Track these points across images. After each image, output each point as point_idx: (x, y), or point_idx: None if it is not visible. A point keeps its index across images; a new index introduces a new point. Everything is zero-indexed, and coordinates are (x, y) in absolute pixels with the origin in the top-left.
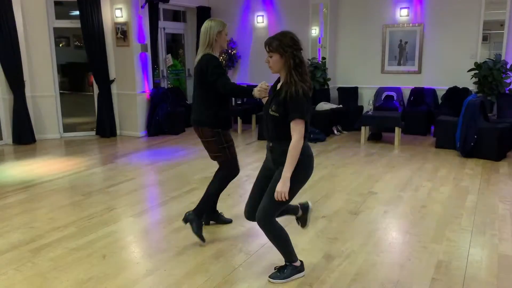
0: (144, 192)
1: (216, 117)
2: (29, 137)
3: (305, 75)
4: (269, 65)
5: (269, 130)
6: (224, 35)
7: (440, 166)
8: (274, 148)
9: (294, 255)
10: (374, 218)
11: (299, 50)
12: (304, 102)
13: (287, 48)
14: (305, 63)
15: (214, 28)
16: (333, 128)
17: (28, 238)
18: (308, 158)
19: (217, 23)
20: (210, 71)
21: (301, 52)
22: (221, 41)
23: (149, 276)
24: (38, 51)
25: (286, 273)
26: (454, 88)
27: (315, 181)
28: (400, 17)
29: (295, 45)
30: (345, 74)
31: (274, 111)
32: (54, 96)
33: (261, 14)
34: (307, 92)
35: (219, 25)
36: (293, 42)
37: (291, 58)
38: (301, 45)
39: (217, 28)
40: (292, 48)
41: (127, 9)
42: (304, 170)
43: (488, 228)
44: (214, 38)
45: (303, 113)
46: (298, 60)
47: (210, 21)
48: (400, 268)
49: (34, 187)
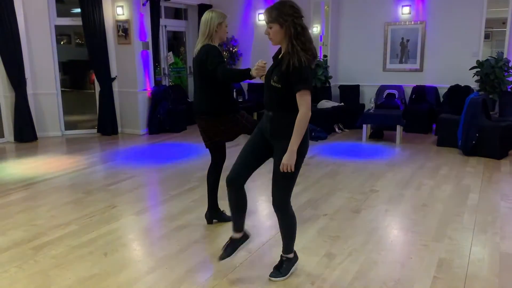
0: (145, 190)
1: (221, 106)
2: (30, 135)
3: (308, 43)
4: (269, 36)
5: (271, 101)
6: (224, 26)
7: (441, 164)
8: (274, 118)
9: (293, 245)
10: (375, 217)
11: (300, 17)
12: (308, 72)
13: (287, 17)
14: (307, 30)
15: (214, 19)
16: (335, 126)
17: (30, 235)
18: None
19: (218, 14)
20: (210, 60)
21: (302, 20)
22: (221, 33)
23: (150, 274)
24: (40, 48)
25: (284, 268)
26: (456, 86)
27: (317, 179)
28: (402, 15)
29: (296, 13)
30: (346, 72)
31: (275, 82)
32: (55, 94)
33: (262, 12)
34: (310, 61)
35: (219, 17)
36: (293, 10)
37: (292, 26)
38: (302, 13)
39: (218, 19)
40: (292, 17)
41: (129, 6)
42: (305, 143)
43: (489, 226)
44: (215, 29)
45: (309, 83)
46: (299, 28)
47: (210, 12)
48: (402, 266)
49: (36, 184)
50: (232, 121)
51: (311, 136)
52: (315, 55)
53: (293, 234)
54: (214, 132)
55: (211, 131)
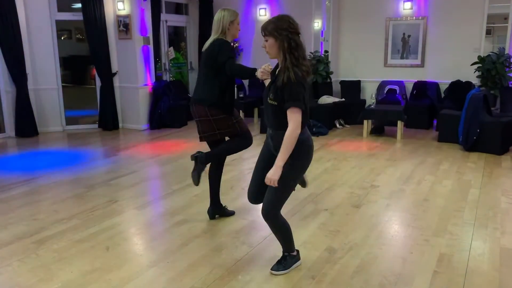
0: (146, 184)
1: (219, 98)
2: (31, 130)
3: (301, 59)
4: (266, 50)
5: (268, 118)
6: (236, 24)
7: (442, 160)
8: (274, 136)
9: (293, 245)
10: (376, 212)
11: (296, 33)
12: (299, 89)
13: (281, 31)
14: (302, 47)
15: (226, 17)
16: (336, 121)
17: (32, 230)
18: (306, 147)
19: (230, 12)
20: (221, 53)
21: (298, 36)
22: (233, 30)
23: (152, 268)
24: (41, 44)
25: (286, 263)
26: (457, 82)
27: (318, 174)
28: (404, 10)
29: (291, 28)
30: (347, 67)
31: (272, 100)
32: (56, 89)
33: (264, 7)
34: (302, 77)
35: (231, 15)
36: (289, 25)
37: (286, 41)
38: (298, 29)
39: (230, 17)
40: (287, 31)
41: (129, 1)
42: (301, 160)
43: (490, 221)
44: (227, 27)
45: (299, 100)
46: (293, 44)
47: (223, 11)
48: (402, 261)
49: (37, 179)
50: (224, 118)
51: (312, 131)
52: (308, 72)
53: (288, 237)
54: (205, 124)
55: (203, 122)
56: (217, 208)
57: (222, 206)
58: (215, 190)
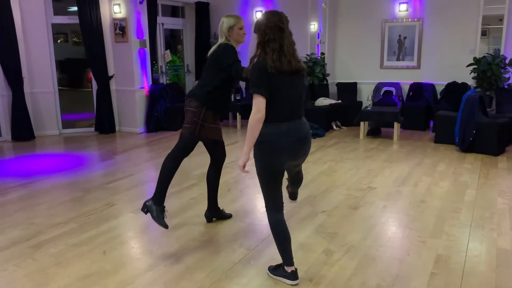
0: (143, 188)
1: (208, 94)
2: (28, 134)
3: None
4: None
5: None
6: (238, 29)
7: (439, 161)
8: None
9: (287, 259)
10: (373, 213)
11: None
12: (258, 77)
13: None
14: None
15: (224, 23)
16: (332, 123)
17: (28, 234)
18: (264, 144)
19: (228, 18)
20: (227, 56)
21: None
22: (235, 36)
23: (149, 271)
24: (37, 47)
25: (277, 271)
26: (453, 83)
27: (315, 176)
28: (399, 12)
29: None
30: (344, 69)
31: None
32: (53, 92)
33: (260, 10)
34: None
35: (229, 21)
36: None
37: (261, 36)
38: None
39: (228, 23)
40: (264, 26)
41: (126, 4)
42: (261, 155)
43: (487, 222)
44: (227, 33)
45: (257, 87)
46: (267, 38)
47: (223, 18)
48: (400, 262)
49: (34, 183)
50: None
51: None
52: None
53: (278, 245)
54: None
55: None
56: (214, 212)
57: (220, 209)
58: (213, 193)
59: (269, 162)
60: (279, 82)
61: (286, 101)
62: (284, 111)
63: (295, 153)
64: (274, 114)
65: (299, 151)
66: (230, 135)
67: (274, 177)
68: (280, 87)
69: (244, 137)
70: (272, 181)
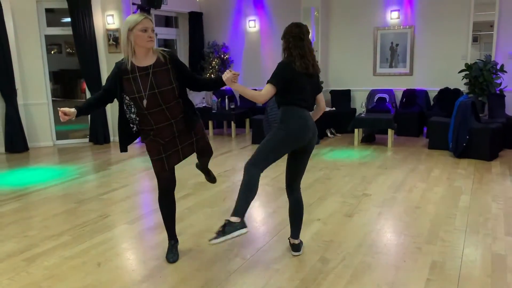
0: (138, 198)
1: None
2: (21, 145)
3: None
4: None
5: None
6: (139, 31)
7: (433, 167)
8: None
9: (241, 212)
10: (368, 220)
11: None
12: (280, 71)
13: (285, 35)
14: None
15: (123, 28)
16: (327, 131)
17: (22, 247)
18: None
19: (128, 21)
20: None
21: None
22: (137, 40)
23: (144, 282)
24: (30, 58)
25: (226, 231)
26: (445, 89)
27: (309, 183)
28: (391, 19)
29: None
30: (337, 77)
31: None
32: (46, 104)
33: (253, 19)
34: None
35: (128, 23)
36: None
37: (286, 42)
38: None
39: (126, 26)
40: (288, 35)
41: (119, 15)
42: (285, 130)
43: (481, 227)
44: (126, 40)
45: (274, 78)
46: (291, 45)
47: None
48: (395, 269)
49: (28, 195)
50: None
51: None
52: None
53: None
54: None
55: None
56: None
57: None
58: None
59: (296, 135)
60: (303, 80)
61: (306, 94)
62: (305, 101)
63: (312, 135)
64: (299, 101)
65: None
66: (225, 144)
67: (288, 148)
68: (304, 83)
69: (239, 143)
70: (282, 151)
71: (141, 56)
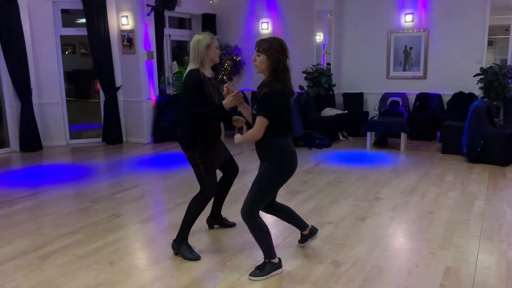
0: (150, 198)
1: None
2: (36, 144)
3: (286, 81)
4: (255, 63)
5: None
6: (214, 48)
7: (446, 172)
8: (258, 144)
9: (274, 252)
10: (381, 224)
11: (285, 57)
12: (272, 103)
13: (274, 52)
14: (289, 71)
15: (202, 42)
16: (339, 133)
17: (36, 244)
18: (284, 156)
19: (205, 36)
20: (188, 93)
21: (287, 60)
22: (211, 55)
23: (156, 282)
24: (45, 59)
25: (265, 270)
26: (460, 93)
27: (321, 186)
28: (405, 22)
29: (283, 51)
30: (350, 79)
31: (255, 110)
32: (60, 103)
33: (266, 21)
34: (280, 92)
35: (207, 39)
36: (282, 48)
37: (276, 62)
38: (288, 54)
39: (205, 41)
40: (278, 53)
41: (133, 17)
42: (280, 166)
43: (496, 233)
44: (205, 52)
45: (267, 111)
46: (282, 65)
47: (197, 36)
48: (408, 274)
49: (41, 194)
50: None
51: (316, 143)
52: (291, 93)
53: (266, 242)
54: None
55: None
56: (217, 218)
57: (222, 217)
58: (219, 201)
59: (288, 170)
60: (288, 103)
61: (290, 119)
62: (289, 127)
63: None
64: (283, 128)
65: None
66: (236, 145)
67: (281, 184)
68: (288, 108)
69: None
70: (277, 189)
71: (206, 68)
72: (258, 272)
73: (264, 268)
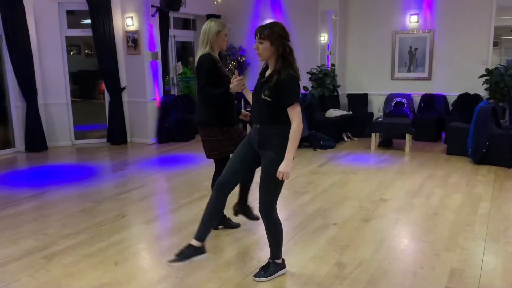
0: (154, 199)
1: (219, 116)
2: (41, 145)
3: (294, 63)
4: (258, 51)
5: (260, 114)
6: (223, 35)
7: (451, 173)
8: (262, 130)
9: (280, 252)
10: (385, 225)
11: (288, 40)
12: (296, 86)
13: (278, 37)
14: (293, 53)
15: (213, 28)
16: (343, 134)
17: (41, 245)
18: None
19: (216, 23)
20: (201, 75)
21: (290, 43)
22: (220, 41)
23: (161, 283)
24: (51, 59)
25: (269, 271)
26: (465, 95)
27: (326, 187)
28: (410, 23)
29: (286, 35)
30: (354, 80)
31: (267, 96)
32: (66, 104)
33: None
34: (296, 77)
35: (218, 25)
36: (284, 32)
37: (281, 46)
38: (289, 37)
39: (216, 28)
40: (282, 37)
41: (138, 17)
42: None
43: (501, 235)
44: (214, 38)
45: (298, 96)
46: (288, 49)
47: (210, 22)
48: (413, 276)
49: (46, 194)
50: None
51: (320, 144)
52: (299, 75)
53: (277, 240)
54: (206, 144)
55: (205, 142)
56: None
57: (226, 217)
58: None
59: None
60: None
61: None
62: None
63: None
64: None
65: None
66: None
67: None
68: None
69: None
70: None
71: (215, 53)
72: (262, 273)
73: (268, 268)
